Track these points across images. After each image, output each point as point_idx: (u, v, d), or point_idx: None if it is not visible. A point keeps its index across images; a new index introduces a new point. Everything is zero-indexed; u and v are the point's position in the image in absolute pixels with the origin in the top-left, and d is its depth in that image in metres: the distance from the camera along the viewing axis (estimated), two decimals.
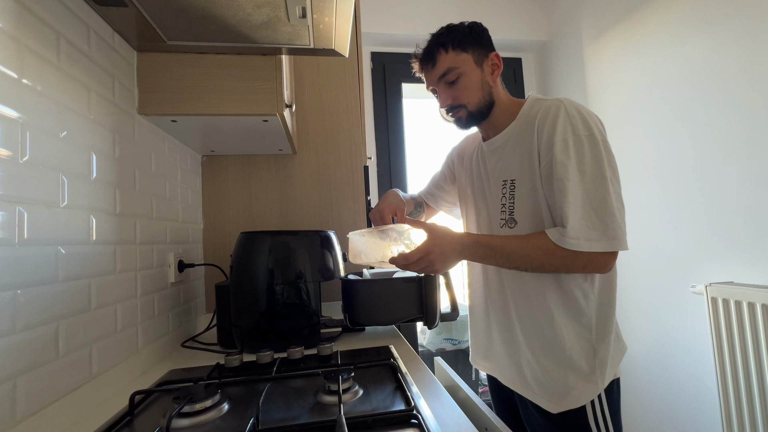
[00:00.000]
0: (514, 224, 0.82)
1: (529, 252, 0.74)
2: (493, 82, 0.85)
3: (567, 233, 0.71)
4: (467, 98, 0.83)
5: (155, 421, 0.60)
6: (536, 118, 0.78)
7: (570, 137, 0.73)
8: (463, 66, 0.82)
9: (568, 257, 0.72)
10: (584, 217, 0.71)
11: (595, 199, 0.71)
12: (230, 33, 0.84)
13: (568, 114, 0.75)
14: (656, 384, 1.54)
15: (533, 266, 0.75)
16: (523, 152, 0.80)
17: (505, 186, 0.84)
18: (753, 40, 1.17)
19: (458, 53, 0.83)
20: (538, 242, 0.74)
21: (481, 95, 0.84)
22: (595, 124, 0.75)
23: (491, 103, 0.85)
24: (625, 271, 1.65)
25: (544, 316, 0.78)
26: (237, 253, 0.99)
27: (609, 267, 0.74)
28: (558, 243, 0.72)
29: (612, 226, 0.71)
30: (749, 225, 1.20)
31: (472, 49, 0.83)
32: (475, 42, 0.84)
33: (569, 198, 0.72)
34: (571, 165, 0.72)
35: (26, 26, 0.57)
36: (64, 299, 0.63)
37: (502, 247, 0.76)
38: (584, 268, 0.74)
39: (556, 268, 0.75)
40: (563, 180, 0.72)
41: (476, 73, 0.83)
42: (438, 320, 1.05)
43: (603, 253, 0.72)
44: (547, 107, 0.78)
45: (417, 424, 0.54)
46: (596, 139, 0.73)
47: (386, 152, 1.95)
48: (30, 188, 0.56)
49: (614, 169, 0.74)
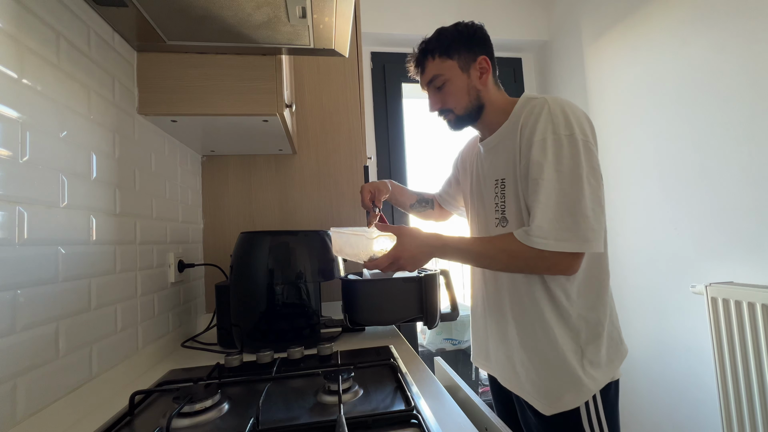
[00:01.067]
0: (506, 223, 0.82)
1: (494, 254, 0.76)
2: (482, 86, 0.86)
3: (532, 231, 0.71)
4: (453, 103, 0.86)
5: (155, 421, 0.60)
6: (521, 117, 0.79)
7: (549, 137, 0.73)
8: (449, 73, 0.85)
9: (531, 259, 0.72)
10: (556, 217, 0.70)
11: (569, 199, 0.71)
12: (230, 33, 0.84)
13: (551, 113, 0.74)
14: (656, 384, 1.54)
15: (499, 267, 0.78)
16: (509, 152, 0.81)
17: (497, 185, 0.84)
18: (753, 40, 1.17)
19: (444, 60, 0.85)
20: (502, 245, 0.75)
21: (468, 100, 0.85)
22: (578, 124, 0.74)
23: (480, 106, 0.86)
24: (625, 271, 1.66)
25: (536, 317, 0.78)
26: (237, 253, 0.99)
27: (574, 269, 0.73)
28: (524, 242, 0.72)
29: (584, 226, 0.70)
30: (749, 225, 1.20)
31: (458, 56, 0.85)
32: (463, 47, 0.85)
33: (540, 197, 0.72)
34: (547, 165, 0.72)
35: (26, 26, 0.57)
36: (64, 299, 0.63)
37: (467, 250, 0.78)
38: (548, 270, 0.74)
39: (520, 269, 0.76)
40: (537, 180, 0.73)
41: (462, 79, 0.85)
42: (438, 320, 1.06)
43: (568, 254, 0.71)
44: (533, 106, 0.78)
45: (417, 424, 0.54)
46: (576, 139, 0.72)
47: (386, 152, 1.95)
48: (30, 188, 0.56)
49: (594, 169, 0.73)
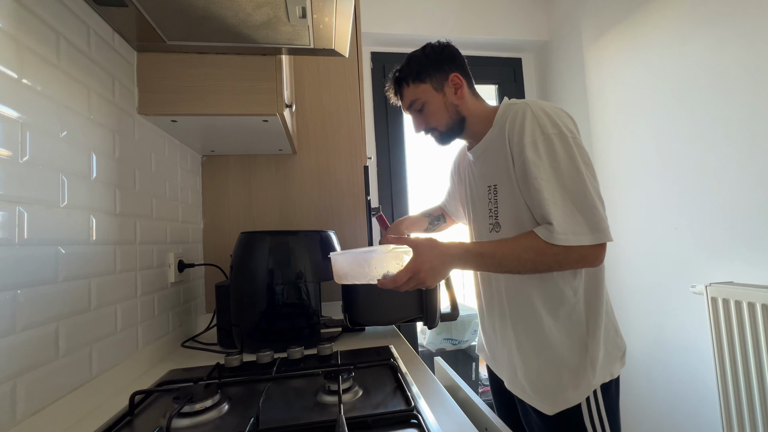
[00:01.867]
0: (499, 228, 0.83)
1: (520, 254, 0.73)
2: (459, 100, 0.88)
3: (555, 229, 0.71)
4: (435, 122, 0.89)
5: (155, 421, 0.60)
6: (506, 122, 0.79)
7: (539, 137, 0.74)
8: (424, 95, 0.88)
9: (560, 254, 0.72)
10: (566, 213, 0.71)
11: (574, 194, 0.72)
12: (230, 33, 0.84)
13: (535, 115, 0.76)
14: (656, 384, 1.54)
15: (527, 268, 0.74)
16: (499, 157, 0.81)
17: (489, 191, 0.85)
18: (753, 40, 1.17)
19: (417, 85, 0.88)
20: (528, 243, 0.73)
21: (448, 116, 0.88)
22: (563, 122, 0.75)
23: (461, 119, 0.89)
24: (625, 271, 1.65)
25: (533, 316, 0.79)
26: (237, 253, 0.99)
27: (600, 259, 0.74)
28: (548, 240, 0.71)
29: (595, 219, 0.71)
30: (749, 225, 1.20)
31: (429, 78, 0.87)
32: (432, 69, 0.87)
33: (546, 195, 0.72)
34: (543, 164, 0.73)
35: (26, 26, 0.57)
36: (64, 299, 0.63)
37: (492, 254, 0.74)
38: (577, 263, 0.74)
39: (549, 266, 0.74)
40: (538, 179, 0.73)
41: (438, 99, 0.88)
42: (438, 320, 1.06)
43: (593, 246, 0.72)
44: (515, 112, 0.79)
45: (417, 424, 0.54)
46: (565, 135, 0.73)
47: (386, 152, 1.95)
48: (30, 188, 0.56)
49: (588, 164, 0.75)
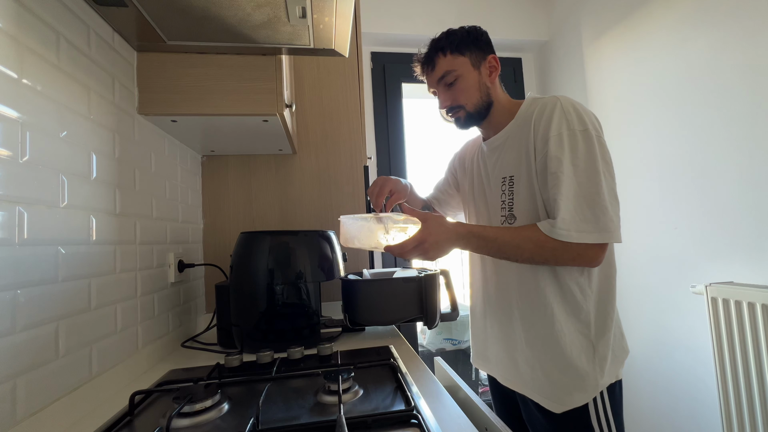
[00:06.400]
0: (513, 220, 0.83)
1: (520, 243, 0.75)
2: (491, 84, 0.87)
3: (557, 224, 0.72)
4: (465, 99, 0.86)
5: (155, 421, 0.60)
6: (533, 114, 0.80)
7: (565, 132, 0.75)
8: (461, 69, 0.85)
9: (558, 249, 0.73)
10: (576, 209, 0.72)
11: (587, 192, 0.72)
12: (230, 33, 0.84)
13: (564, 110, 0.76)
14: (656, 384, 1.54)
15: (524, 257, 0.76)
16: (521, 148, 0.82)
17: (504, 183, 0.85)
18: (753, 40, 1.17)
19: (456, 57, 0.85)
20: (529, 233, 0.75)
21: (479, 96, 0.86)
22: (590, 119, 0.76)
23: (489, 103, 0.87)
24: (625, 271, 1.65)
25: (544, 312, 0.79)
26: (237, 253, 0.99)
27: (598, 260, 0.75)
28: (548, 234, 0.73)
29: (604, 219, 0.71)
30: (749, 225, 1.20)
31: (469, 53, 0.85)
32: (473, 45, 0.86)
33: (562, 190, 0.73)
34: (564, 159, 0.73)
35: (26, 26, 0.57)
36: (64, 299, 0.63)
37: (494, 238, 0.77)
38: (573, 261, 0.74)
39: (545, 260, 0.75)
40: (557, 173, 0.74)
41: (473, 75, 0.86)
42: (438, 320, 1.05)
43: (592, 245, 0.72)
44: (543, 104, 0.80)
45: (417, 424, 0.54)
46: (590, 134, 0.74)
47: (386, 152, 1.95)
48: (30, 188, 0.56)
49: (608, 163, 0.75)
